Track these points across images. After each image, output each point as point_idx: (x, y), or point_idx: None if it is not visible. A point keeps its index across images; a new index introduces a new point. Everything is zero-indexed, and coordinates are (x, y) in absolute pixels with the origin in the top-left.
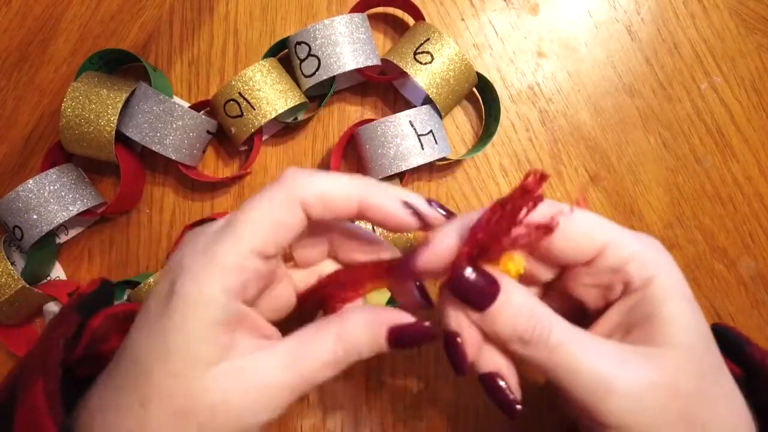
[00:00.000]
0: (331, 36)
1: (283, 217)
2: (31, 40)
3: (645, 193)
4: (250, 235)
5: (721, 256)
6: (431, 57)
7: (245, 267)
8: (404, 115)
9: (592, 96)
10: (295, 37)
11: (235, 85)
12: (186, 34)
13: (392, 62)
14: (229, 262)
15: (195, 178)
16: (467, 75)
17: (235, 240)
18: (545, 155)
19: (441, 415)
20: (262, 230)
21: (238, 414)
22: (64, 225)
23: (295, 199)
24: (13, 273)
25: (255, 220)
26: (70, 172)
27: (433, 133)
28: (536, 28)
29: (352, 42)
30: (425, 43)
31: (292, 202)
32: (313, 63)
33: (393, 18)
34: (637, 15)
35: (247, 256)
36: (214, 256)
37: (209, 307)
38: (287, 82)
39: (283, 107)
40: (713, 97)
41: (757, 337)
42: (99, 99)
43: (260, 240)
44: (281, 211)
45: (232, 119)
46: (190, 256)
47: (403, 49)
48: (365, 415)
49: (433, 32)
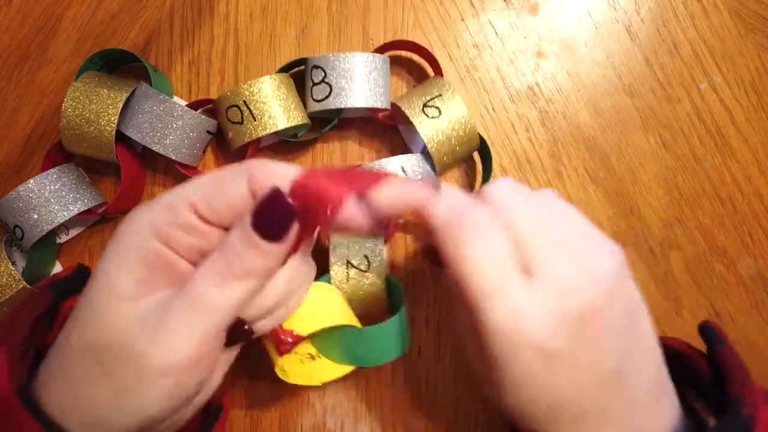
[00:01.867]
0: (349, 70)
1: (229, 186)
2: (32, 40)
3: (645, 193)
4: (192, 188)
5: (720, 256)
6: (439, 112)
7: (175, 210)
8: (398, 159)
9: (592, 96)
10: (313, 59)
11: (241, 93)
12: (186, 34)
13: (400, 108)
14: (162, 201)
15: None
16: (470, 138)
17: (179, 188)
18: (545, 155)
19: (441, 415)
20: (206, 188)
21: (140, 355)
22: (65, 225)
23: (245, 173)
24: (14, 273)
25: (201, 179)
26: (71, 172)
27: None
28: (536, 28)
29: (367, 81)
30: (436, 98)
31: (241, 174)
32: (325, 90)
33: (412, 62)
34: (637, 15)
35: (181, 201)
36: (156, 199)
37: (133, 236)
38: (294, 100)
39: (284, 125)
40: (713, 97)
41: (757, 337)
42: (99, 99)
43: (199, 195)
44: (229, 179)
45: (232, 124)
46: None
47: (414, 98)
48: (365, 415)
49: (447, 90)
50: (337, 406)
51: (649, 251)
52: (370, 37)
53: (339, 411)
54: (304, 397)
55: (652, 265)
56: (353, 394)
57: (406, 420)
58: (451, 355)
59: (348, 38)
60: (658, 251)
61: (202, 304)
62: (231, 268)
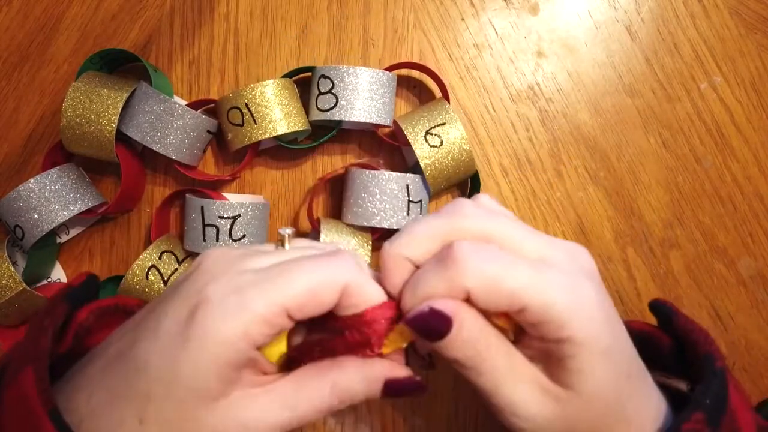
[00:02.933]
0: (357, 84)
1: (322, 295)
2: (32, 40)
3: (645, 193)
4: (289, 293)
5: (720, 256)
6: (440, 141)
7: (272, 322)
8: (404, 177)
9: (592, 96)
10: (322, 69)
11: (244, 95)
12: (186, 34)
13: (402, 128)
14: (259, 312)
15: (194, 177)
16: (467, 167)
17: (274, 290)
18: (545, 155)
19: (441, 415)
20: (301, 294)
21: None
22: (65, 224)
23: (339, 285)
24: (15, 275)
25: (297, 281)
26: (71, 172)
27: (421, 204)
28: (536, 28)
29: (372, 98)
30: (439, 126)
31: (337, 285)
32: (330, 101)
33: (418, 81)
34: (637, 15)
35: (279, 313)
36: (244, 300)
37: (228, 350)
38: (296, 106)
39: (284, 130)
40: (713, 97)
41: (757, 337)
42: (100, 99)
43: (296, 303)
44: (322, 288)
45: (232, 126)
46: (218, 290)
47: (417, 122)
48: (365, 414)
49: (451, 118)
50: None
51: (649, 251)
52: (370, 37)
53: (339, 410)
54: None
55: (652, 265)
56: None
57: (406, 419)
58: None
59: (348, 38)
60: (658, 251)
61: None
62: (340, 406)
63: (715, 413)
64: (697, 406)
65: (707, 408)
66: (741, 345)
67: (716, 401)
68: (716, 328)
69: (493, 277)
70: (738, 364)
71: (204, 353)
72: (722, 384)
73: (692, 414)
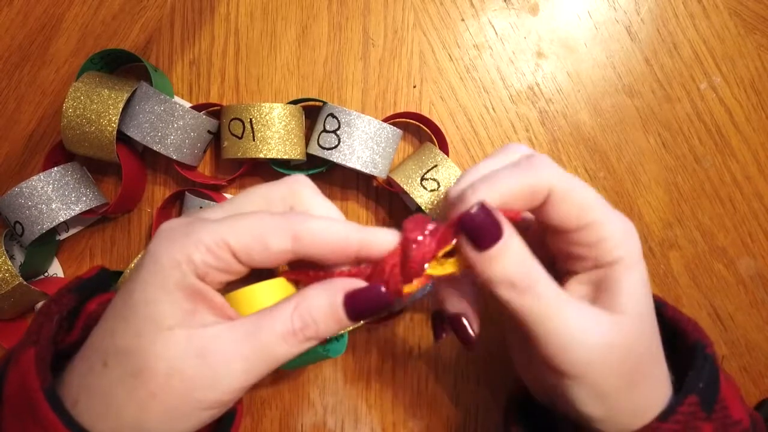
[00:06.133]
0: (363, 133)
1: (271, 241)
2: (33, 40)
3: (645, 193)
4: (234, 232)
5: (720, 256)
6: (437, 184)
7: (216, 254)
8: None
9: (592, 96)
10: (333, 108)
11: (250, 110)
12: (187, 34)
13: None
14: (203, 240)
15: (193, 179)
16: None
17: (219, 227)
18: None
19: (441, 415)
20: (245, 234)
21: (190, 387)
22: (65, 222)
23: (290, 231)
24: (12, 269)
25: (244, 225)
26: (75, 171)
27: None
28: (536, 28)
29: (374, 149)
30: (432, 169)
31: (286, 231)
32: (332, 141)
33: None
34: (637, 15)
35: (222, 246)
36: (193, 230)
37: (174, 272)
38: (297, 135)
39: (279, 155)
40: (713, 98)
41: (757, 337)
42: (100, 99)
43: (240, 243)
44: (272, 234)
45: (231, 135)
46: (173, 227)
47: (410, 171)
48: (365, 414)
49: (441, 159)
50: (337, 406)
51: (649, 251)
52: (370, 37)
53: (339, 410)
54: (305, 396)
55: (651, 265)
56: (354, 393)
57: (406, 419)
58: (451, 354)
59: (348, 38)
60: (658, 251)
61: (265, 353)
62: (305, 331)
63: (708, 397)
64: (691, 389)
65: (700, 391)
66: (741, 345)
67: (708, 384)
68: (716, 327)
69: (570, 185)
70: (738, 364)
71: (151, 276)
72: (713, 368)
73: (686, 397)
